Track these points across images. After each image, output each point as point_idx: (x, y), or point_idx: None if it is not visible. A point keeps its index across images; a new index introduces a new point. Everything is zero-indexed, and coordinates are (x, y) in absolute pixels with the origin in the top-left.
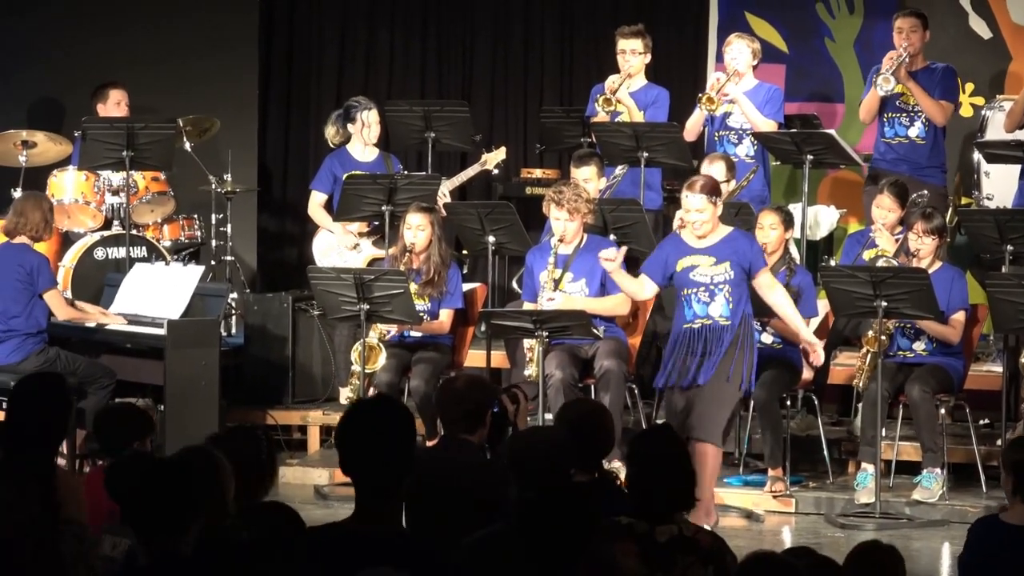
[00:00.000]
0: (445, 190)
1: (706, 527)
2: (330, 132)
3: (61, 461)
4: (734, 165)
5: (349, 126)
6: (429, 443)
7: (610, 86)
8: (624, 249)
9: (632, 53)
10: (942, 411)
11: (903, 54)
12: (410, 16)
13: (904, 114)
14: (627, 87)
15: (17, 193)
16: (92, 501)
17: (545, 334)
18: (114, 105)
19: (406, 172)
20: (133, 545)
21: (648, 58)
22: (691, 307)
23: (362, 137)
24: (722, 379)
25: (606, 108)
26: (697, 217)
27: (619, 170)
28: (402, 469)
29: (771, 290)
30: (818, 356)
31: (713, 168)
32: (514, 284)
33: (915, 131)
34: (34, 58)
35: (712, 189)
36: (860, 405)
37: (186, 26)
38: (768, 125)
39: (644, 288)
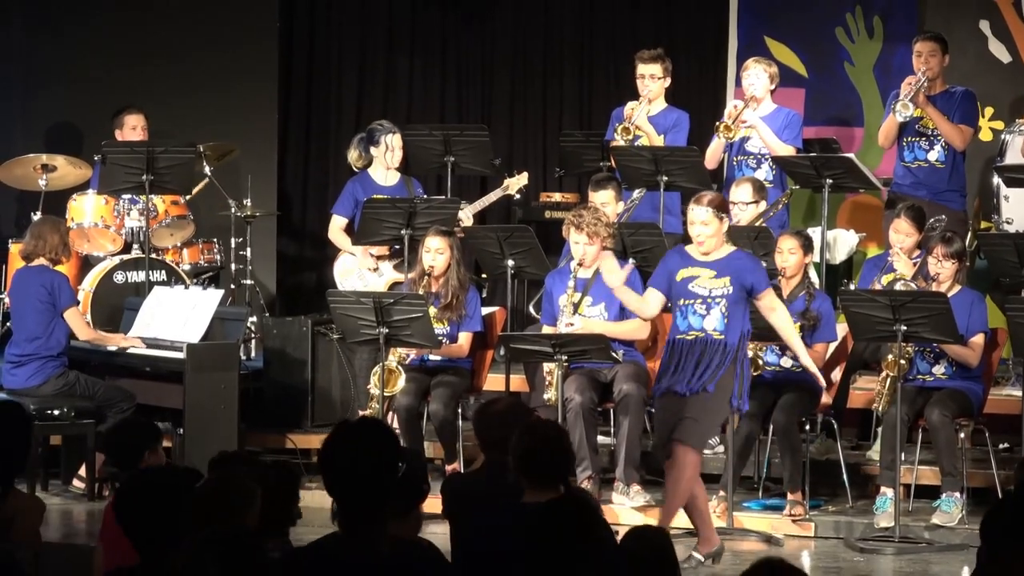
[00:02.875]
0: (468, 213)
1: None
2: (353, 156)
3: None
4: (763, 188)
5: (372, 149)
6: (449, 467)
7: (628, 114)
8: (630, 266)
9: (651, 78)
10: (961, 435)
11: (922, 79)
12: (429, 40)
13: (924, 138)
14: (646, 112)
15: (37, 216)
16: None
17: (564, 358)
18: (130, 130)
19: (425, 196)
20: None
21: (668, 82)
22: (686, 318)
23: (385, 160)
24: (716, 392)
25: (625, 137)
26: (702, 230)
27: (636, 194)
28: (384, 492)
29: (772, 312)
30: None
31: (739, 190)
32: (531, 309)
33: (934, 155)
34: (51, 83)
35: (719, 205)
36: (879, 429)
37: (206, 51)
38: (786, 150)
39: (650, 302)
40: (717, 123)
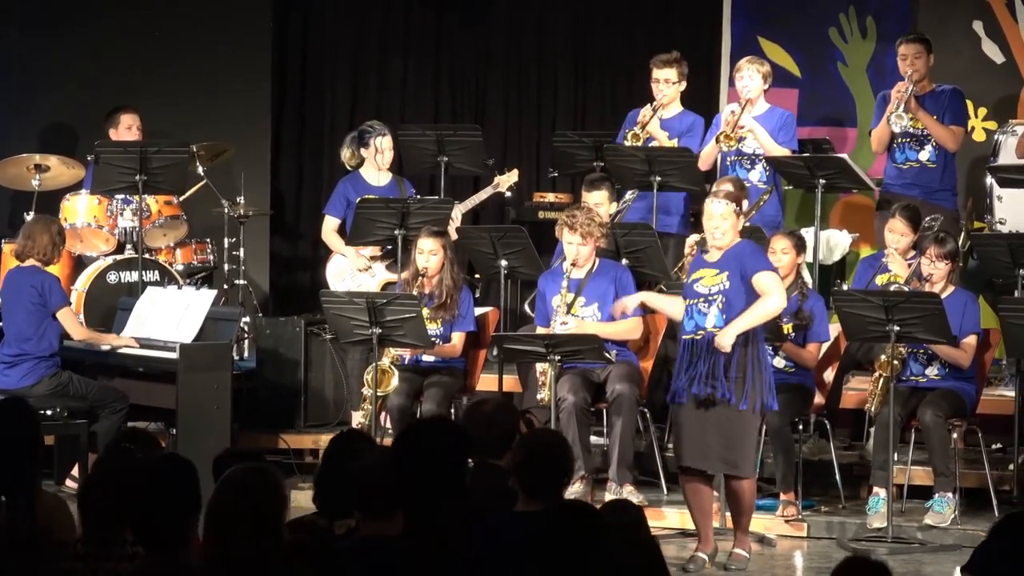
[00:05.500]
0: (457, 213)
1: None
2: (346, 155)
3: (73, 483)
4: (744, 187)
5: (362, 151)
6: None
7: (641, 119)
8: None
9: (666, 83)
10: (954, 435)
11: (910, 86)
12: (423, 40)
13: (914, 139)
14: (659, 116)
15: (30, 217)
16: None
17: (557, 358)
18: (125, 129)
19: (419, 196)
20: None
21: (683, 86)
22: (691, 318)
23: (375, 162)
24: (738, 409)
25: (635, 143)
26: (721, 224)
27: (629, 195)
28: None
29: (761, 296)
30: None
31: (721, 191)
32: (527, 308)
33: (925, 155)
34: (47, 83)
35: (737, 199)
36: (872, 430)
37: (200, 52)
38: (782, 152)
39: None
40: (717, 134)
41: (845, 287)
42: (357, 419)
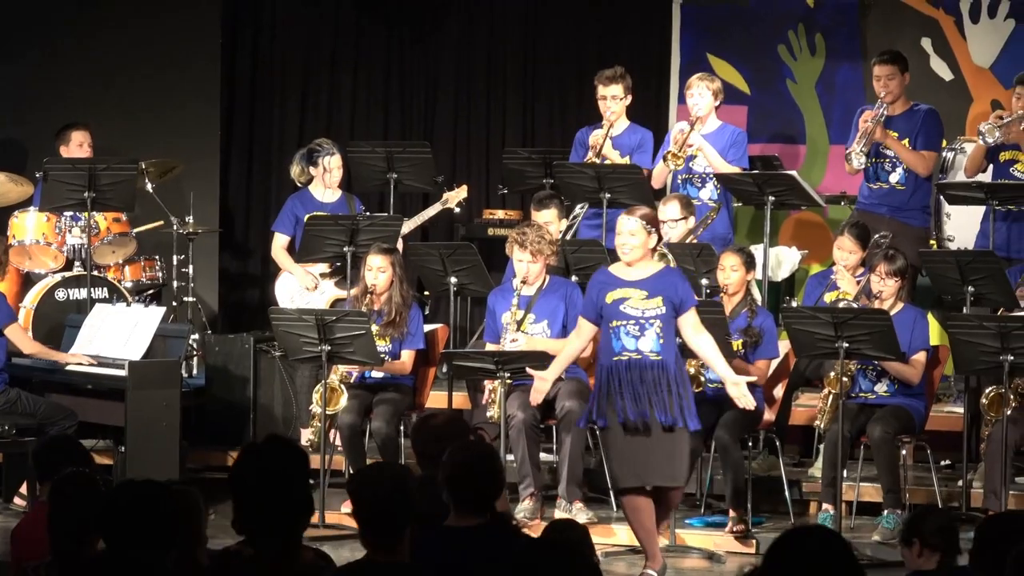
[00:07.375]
0: (403, 230)
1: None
2: (295, 171)
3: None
4: (691, 203)
5: (311, 169)
6: None
7: (595, 143)
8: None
9: (613, 99)
10: (903, 452)
11: (880, 110)
12: (373, 57)
13: (886, 160)
14: (609, 135)
15: None
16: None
17: (507, 375)
18: (77, 147)
19: (368, 213)
20: None
21: (628, 100)
22: (619, 339)
23: (323, 181)
24: (676, 427)
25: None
26: (628, 240)
27: (579, 208)
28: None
29: (696, 332)
30: (746, 402)
31: (668, 208)
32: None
33: (896, 177)
34: None
35: (651, 219)
36: (821, 446)
37: (149, 68)
38: (730, 169)
39: (581, 334)
40: (665, 153)
41: (795, 304)
42: (307, 436)
